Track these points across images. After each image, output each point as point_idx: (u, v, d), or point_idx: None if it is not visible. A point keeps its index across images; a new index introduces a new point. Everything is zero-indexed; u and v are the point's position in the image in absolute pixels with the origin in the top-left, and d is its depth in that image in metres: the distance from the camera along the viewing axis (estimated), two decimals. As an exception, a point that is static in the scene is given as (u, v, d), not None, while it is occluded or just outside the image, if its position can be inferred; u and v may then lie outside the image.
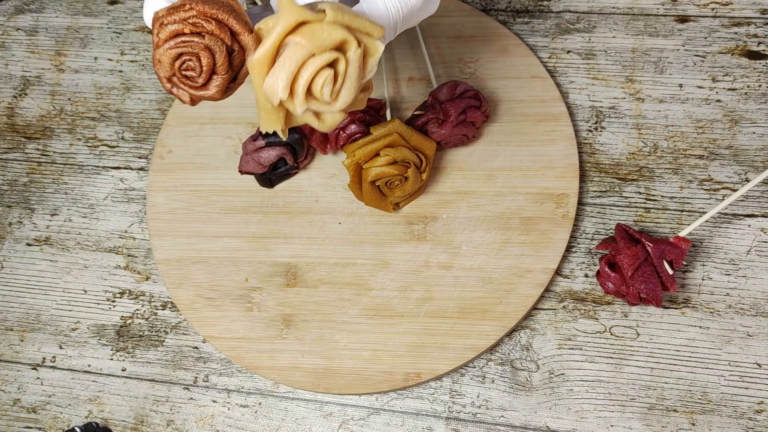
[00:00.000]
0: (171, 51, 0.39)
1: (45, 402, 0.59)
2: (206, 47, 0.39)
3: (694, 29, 0.63)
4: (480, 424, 0.54)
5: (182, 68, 0.39)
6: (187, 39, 0.38)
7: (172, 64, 0.39)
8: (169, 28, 0.39)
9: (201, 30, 0.39)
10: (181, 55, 0.39)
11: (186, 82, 0.40)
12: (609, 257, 0.54)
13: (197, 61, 0.39)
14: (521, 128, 0.60)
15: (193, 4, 0.39)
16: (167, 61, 0.39)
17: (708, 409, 0.52)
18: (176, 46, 0.39)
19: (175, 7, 0.39)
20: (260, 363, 0.56)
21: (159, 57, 0.39)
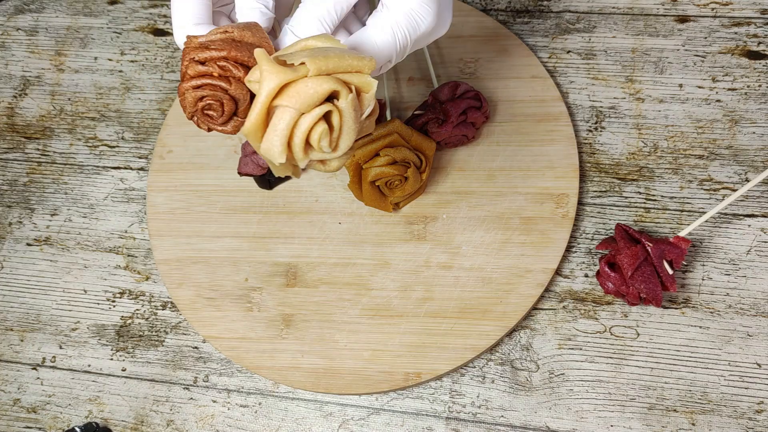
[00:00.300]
0: (196, 93, 0.39)
1: (45, 402, 0.59)
2: (231, 96, 0.39)
3: (694, 29, 0.63)
4: (480, 424, 0.54)
5: (204, 108, 0.40)
6: (214, 83, 0.38)
7: (195, 104, 0.40)
8: (198, 68, 0.38)
9: (229, 75, 0.38)
10: (205, 96, 0.39)
11: (206, 119, 0.40)
12: (609, 257, 0.54)
13: (220, 105, 0.39)
14: (521, 128, 0.60)
15: (225, 45, 0.38)
16: (191, 100, 0.39)
17: (708, 409, 0.52)
18: (202, 87, 0.39)
19: (207, 46, 0.38)
20: (260, 363, 0.56)
21: (184, 93, 0.39)
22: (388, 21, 0.41)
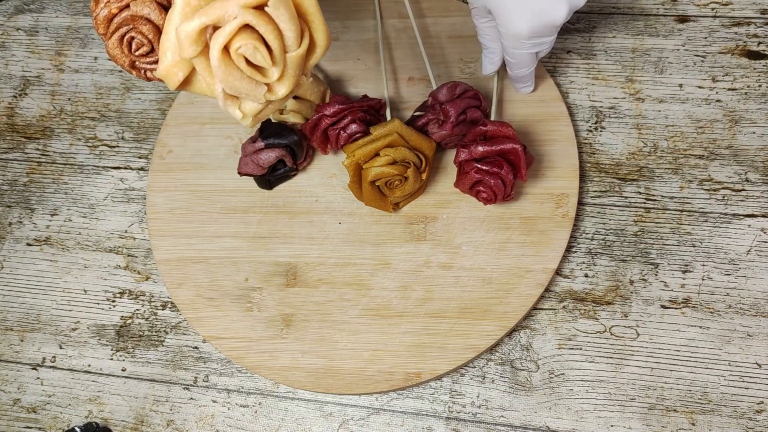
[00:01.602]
0: (113, 40, 0.37)
1: (45, 402, 0.59)
2: (137, 17, 0.36)
3: (694, 29, 0.63)
4: (480, 424, 0.54)
5: (132, 49, 0.37)
6: (118, 19, 0.36)
7: (123, 52, 0.38)
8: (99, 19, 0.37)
9: (126, 2, 0.36)
10: (123, 37, 0.37)
11: (144, 61, 0.38)
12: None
13: (140, 34, 0.37)
14: (521, 128, 0.60)
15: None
16: (117, 49, 0.37)
17: (708, 409, 0.52)
18: (113, 31, 0.37)
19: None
20: (260, 363, 0.56)
21: (110, 51, 0.37)
22: None
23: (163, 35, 0.34)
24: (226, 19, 0.32)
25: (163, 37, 0.34)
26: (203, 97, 0.66)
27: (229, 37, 0.32)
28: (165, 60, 0.34)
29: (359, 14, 0.67)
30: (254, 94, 0.35)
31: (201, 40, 0.32)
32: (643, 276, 0.56)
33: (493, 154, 0.54)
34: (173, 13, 0.33)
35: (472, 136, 0.56)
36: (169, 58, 0.34)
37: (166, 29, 0.33)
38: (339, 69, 0.65)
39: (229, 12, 0.32)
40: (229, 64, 0.33)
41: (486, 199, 0.56)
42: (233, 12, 0.32)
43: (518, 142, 0.55)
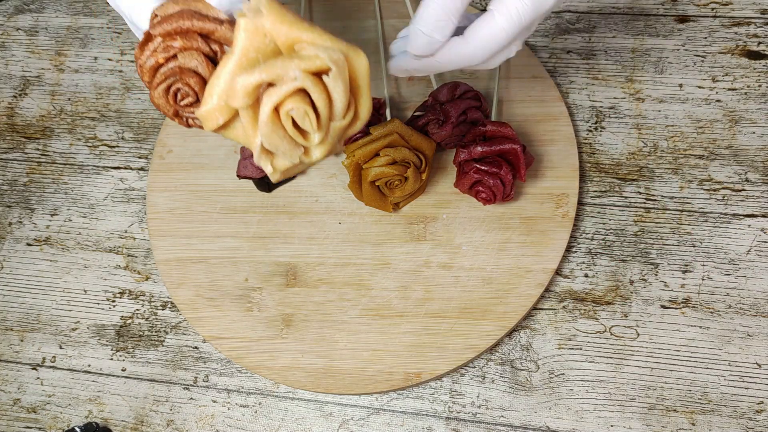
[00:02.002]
0: (159, 90, 0.37)
1: (45, 402, 0.59)
2: (184, 69, 0.36)
3: (694, 29, 0.63)
4: (480, 424, 0.54)
5: (177, 99, 0.38)
6: (166, 69, 0.37)
7: (167, 99, 0.38)
8: (146, 68, 0.37)
9: (172, 52, 0.36)
10: (169, 87, 0.37)
11: (189, 111, 0.39)
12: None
13: (186, 86, 0.37)
14: (521, 128, 0.60)
15: (153, 30, 0.36)
16: (162, 99, 0.38)
17: (708, 409, 0.52)
18: (159, 82, 0.37)
19: (143, 43, 0.37)
20: (260, 363, 0.56)
21: (155, 100, 0.38)
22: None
23: (213, 78, 0.34)
24: (285, 80, 0.33)
25: (212, 81, 0.34)
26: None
27: (283, 97, 0.33)
28: (209, 103, 0.34)
29: (359, 14, 0.67)
30: (291, 154, 0.35)
31: (255, 93, 0.33)
32: (643, 276, 0.56)
33: (492, 154, 0.55)
34: (229, 61, 0.33)
35: (472, 137, 0.56)
36: (214, 102, 0.34)
37: (217, 73, 0.34)
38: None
39: (290, 74, 0.32)
40: (276, 123, 0.34)
41: (485, 199, 0.56)
42: (294, 74, 0.32)
43: (518, 142, 0.55)
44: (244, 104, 0.33)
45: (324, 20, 0.66)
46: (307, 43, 0.33)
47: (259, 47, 0.33)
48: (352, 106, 0.36)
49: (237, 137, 0.35)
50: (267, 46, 0.33)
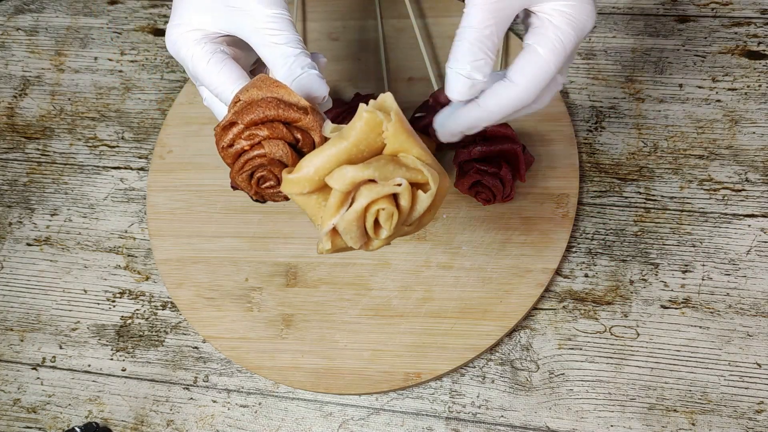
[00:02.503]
0: (243, 174, 0.38)
1: (45, 402, 0.59)
2: (270, 159, 0.38)
3: (694, 29, 0.63)
4: (480, 424, 0.54)
5: (260, 183, 0.39)
6: (250, 156, 0.38)
7: (250, 184, 0.39)
8: (229, 151, 0.38)
9: (258, 140, 0.37)
10: (253, 173, 0.38)
11: (269, 192, 0.40)
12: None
13: (270, 173, 0.38)
14: (521, 128, 0.60)
15: (239, 116, 0.37)
16: (244, 183, 0.39)
17: (708, 409, 0.52)
18: (243, 167, 0.38)
19: (226, 126, 0.38)
20: (260, 363, 0.56)
21: (236, 181, 0.39)
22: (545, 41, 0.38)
23: (317, 152, 0.35)
24: (389, 183, 0.35)
25: (314, 153, 0.35)
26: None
27: (381, 196, 0.35)
28: (304, 172, 0.35)
29: (359, 14, 0.67)
30: (356, 242, 0.36)
31: (354, 184, 0.35)
32: (643, 276, 0.56)
33: (492, 154, 0.55)
34: (339, 144, 0.34)
35: (472, 137, 0.56)
36: (309, 173, 0.35)
37: (323, 149, 0.35)
38: (339, 69, 0.65)
39: (396, 179, 0.35)
40: (361, 216, 0.35)
41: (485, 200, 0.56)
42: (399, 180, 0.35)
43: (517, 142, 0.55)
44: (340, 188, 0.34)
45: (324, 20, 0.66)
46: (414, 156, 0.35)
47: (370, 143, 0.35)
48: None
49: (307, 207, 0.36)
50: (376, 143, 0.35)
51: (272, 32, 0.40)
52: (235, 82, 0.41)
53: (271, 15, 0.40)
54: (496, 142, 0.54)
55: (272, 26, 0.40)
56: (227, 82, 0.41)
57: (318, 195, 0.36)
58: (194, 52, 0.41)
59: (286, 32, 0.40)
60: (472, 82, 0.39)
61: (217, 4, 0.41)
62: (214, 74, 0.41)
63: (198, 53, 0.41)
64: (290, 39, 0.40)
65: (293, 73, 0.40)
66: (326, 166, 0.35)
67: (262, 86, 0.37)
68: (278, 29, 0.40)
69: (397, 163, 0.35)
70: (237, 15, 0.41)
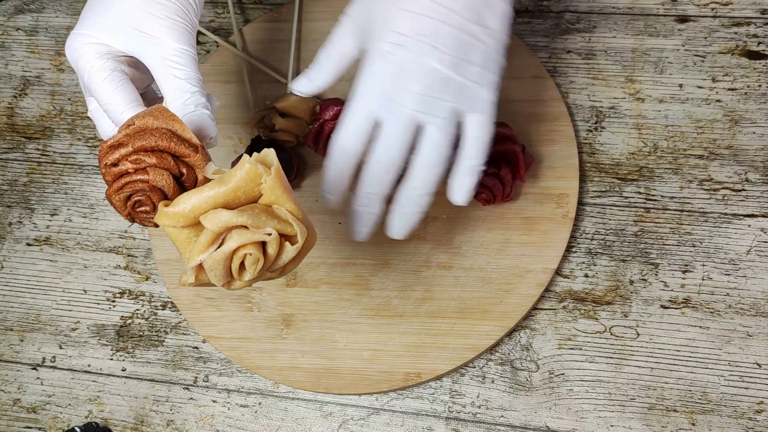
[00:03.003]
0: (120, 194, 0.39)
1: (45, 402, 0.59)
2: (152, 186, 0.39)
3: (694, 29, 0.63)
4: (480, 424, 0.54)
5: (136, 206, 0.40)
6: (132, 179, 0.39)
7: (125, 205, 0.40)
8: (113, 170, 0.39)
9: (144, 166, 0.38)
10: (131, 195, 0.39)
11: (142, 215, 0.40)
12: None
13: (148, 198, 0.39)
14: (521, 128, 0.60)
15: (130, 139, 0.38)
16: (119, 203, 0.40)
17: (708, 409, 0.52)
18: (123, 188, 0.39)
19: (115, 145, 0.39)
20: (260, 363, 0.56)
21: (111, 199, 0.40)
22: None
23: (194, 192, 0.37)
24: (259, 231, 0.37)
25: (192, 192, 0.37)
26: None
27: (249, 242, 0.37)
28: (180, 207, 0.37)
29: (359, 14, 0.67)
30: (219, 280, 0.39)
31: (227, 227, 0.37)
32: (643, 276, 0.56)
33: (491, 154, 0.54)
34: (218, 187, 0.37)
35: None
36: (185, 210, 0.37)
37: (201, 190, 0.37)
38: (339, 69, 0.65)
39: (267, 229, 0.37)
40: (228, 257, 0.38)
41: (485, 200, 0.56)
42: (270, 230, 0.37)
43: (517, 142, 0.55)
44: (213, 228, 0.37)
45: (324, 20, 0.66)
46: (286, 209, 0.38)
47: (247, 190, 0.37)
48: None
49: (177, 239, 0.38)
50: (253, 191, 0.38)
51: (175, 66, 0.42)
52: (129, 104, 0.42)
53: (178, 49, 0.42)
54: (496, 142, 0.54)
55: (177, 60, 0.42)
56: (121, 102, 0.42)
57: (190, 230, 0.38)
58: (93, 64, 0.42)
59: (189, 69, 0.42)
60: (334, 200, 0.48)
61: (128, 26, 0.42)
62: (109, 91, 0.42)
63: (97, 67, 0.42)
64: (191, 76, 0.42)
65: (186, 108, 0.41)
66: (202, 206, 0.37)
67: (159, 116, 0.39)
68: (182, 64, 0.42)
69: (270, 213, 0.38)
70: (146, 41, 0.42)
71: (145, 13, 0.42)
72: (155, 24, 0.42)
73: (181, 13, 0.43)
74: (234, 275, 0.39)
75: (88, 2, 0.44)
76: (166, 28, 0.42)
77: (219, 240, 0.38)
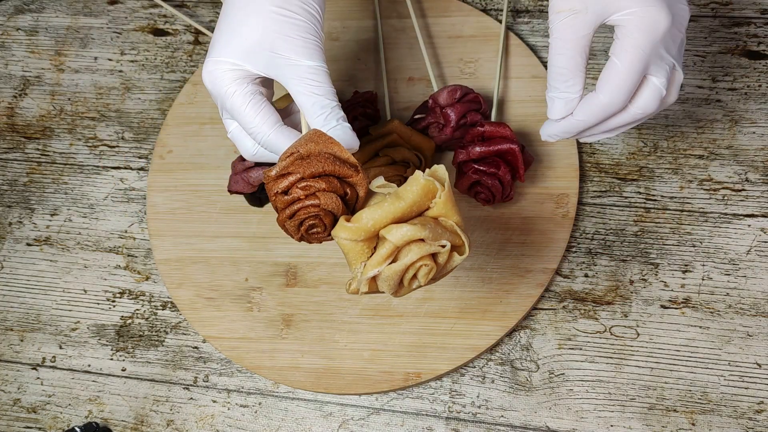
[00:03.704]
0: (293, 221, 0.41)
1: (45, 402, 0.59)
2: (324, 210, 0.40)
3: (694, 29, 0.63)
4: (480, 424, 0.54)
5: (308, 229, 0.41)
6: (304, 205, 0.40)
7: (299, 230, 0.41)
8: (284, 198, 0.40)
9: (314, 191, 0.40)
10: (303, 220, 0.41)
11: (314, 237, 0.42)
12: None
13: (320, 221, 0.40)
14: (521, 128, 0.60)
15: (298, 167, 0.40)
16: (293, 228, 0.41)
17: (708, 409, 0.52)
18: (296, 214, 0.40)
19: (282, 174, 0.40)
20: (260, 363, 0.56)
21: (284, 225, 0.41)
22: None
23: (374, 207, 0.39)
24: (435, 243, 0.39)
25: (372, 208, 0.39)
26: (203, 96, 0.66)
27: (427, 254, 0.39)
28: (361, 222, 0.39)
29: (359, 14, 0.67)
30: (390, 290, 0.40)
31: (408, 241, 0.39)
32: (643, 276, 0.56)
33: (490, 154, 0.55)
34: (396, 203, 0.39)
35: (470, 137, 0.56)
36: (367, 225, 0.39)
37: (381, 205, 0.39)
38: (339, 69, 0.65)
39: (442, 241, 0.39)
40: (405, 269, 0.39)
41: (484, 200, 0.56)
42: (444, 243, 0.39)
43: (516, 142, 0.55)
44: (399, 244, 0.39)
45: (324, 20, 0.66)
46: (453, 222, 0.40)
47: (420, 205, 0.40)
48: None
49: (351, 251, 0.40)
50: (424, 205, 0.40)
51: (312, 83, 0.43)
52: (272, 126, 0.44)
53: (313, 66, 0.44)
54: (494, 142, 0.54)
55: (312, 77, 0.44)
56: (265, 125, 0.44)
57: (364, 243, 0.40)
58: (235, 90, 0.44)
59: (325, 84, 0.44)
60: (566, 99, 0.45)
61: (263, 49, 0.44)
62: (252, 116, 0.44)
63: (238, 93, 0.44)
64: (327, 91, 0.44)
65: (329, 124, 0.43)
66: (382, 221, 0.39)
67: (318, 141, 0.40)
68: (318, 81, 0.44)
69: (442, 226, 0.40)
70: (281, 62, 0.44)
71: (279, 35, 0.43)
72: (289, 44, 0.43)
73: (312, 31, 0.44)
74: (404, 284, 0.40)
75: (218, 28, 0.46)
76: (300, 47, 0.44)
77: (394, 255, 0.39)
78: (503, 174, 0.54)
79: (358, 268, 0.40)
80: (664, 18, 0.41)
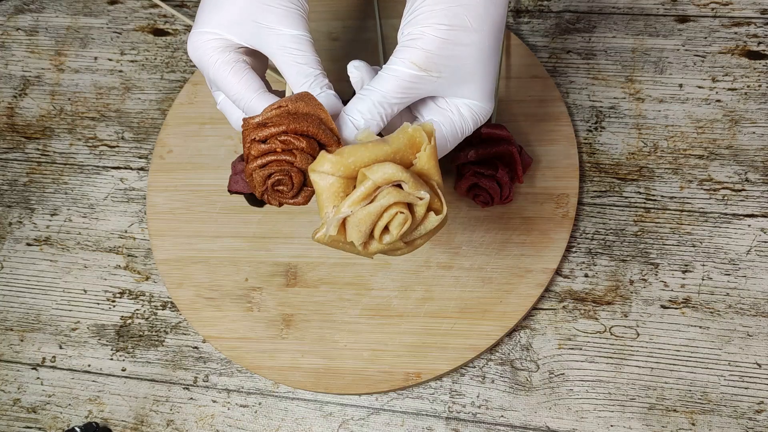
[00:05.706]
0: (263, 171, 0.40)
1: (45, 402, 0.59)
2: (298, 169, 0.39)
3: (694, 29, 0.63)
4: (480, 424, 0.54)
5: (274, 185, 0.40)
6: (278, 158, 0.39)
7: (264, 182, 0.40)
8: (260, 147, 0.39)
9: (292, 148, 0.39)
10: (273, 173, 0.40)
11: (277, 195, 0.41)
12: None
13: (289, 179, 0.40)
14: (521, 128, 0.60)
15: (283, 120, 0.39)
16: (259, 179, 0.40)
17: (708, 409, 0.52)
18: (268, 165, 0.40)
19: (265, 123, 0.39)
20: (260, 363, 0.56)
21: (251, 174, 0.40)
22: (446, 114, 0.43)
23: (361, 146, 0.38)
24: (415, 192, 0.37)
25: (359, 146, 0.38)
26: (203, 96, 0.66)
27: (404, 201, 0.37)
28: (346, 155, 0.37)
29: (359, 14, 0.67)
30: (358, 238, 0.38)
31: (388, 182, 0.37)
32: (643, 276, 0.56)
33: (487, 156, 0.55)
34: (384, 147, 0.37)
35: (467, 139, 0.56)
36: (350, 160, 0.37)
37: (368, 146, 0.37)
38: (339, 69, 0.65)
39: (421, 192, 0.38)
40: (379, 213, 0.37)
41: (483, 202, 0.56)
42: (423, 194, 0.38)
43: (513, 143, 0.55)
44: (379, 182, 0.37)
45: (324, 20, 0.66)
46: (434, 182, 0.39)
47: (404, 156, 0.38)
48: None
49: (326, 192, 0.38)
50: (408, 159, 0.38)
51: (295, 52, 0.43)
52: (255, 92, 0.43)
53: (296, 35, 0.43)
54: (491, 144, 0.54)
55: (295, 46, 0.43)
56: (248, 91, 0.43)
57: (341, 183, 0.38)
58: (217, 59, 0.44)
59: (308, 53, 0.43)
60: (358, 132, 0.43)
61: (245, 19, 0.43)
62: (235, 82, 0.43)
63: (220, 61, 0.44)
64: (310, 60, 0.43)
65: (313, 91, 0.42)
66: (364, 160, 0.37)
67: (309, 103, 0.39)
68: (301, 49, 0.43)
69: (423, 181, 0.39)
70: (264, 32, 0.43)
71: (260, 5, 0.43)
72: (271, 14, 0.43)
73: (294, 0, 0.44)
74: (375, 235, 0.38)
75: (202, 2, 0.45)
76: (282, 16, 0.43)
77: (371, 197, 0.37)
78: (501, 176, 0.54)
79: (329, 212, 0.38)
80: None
